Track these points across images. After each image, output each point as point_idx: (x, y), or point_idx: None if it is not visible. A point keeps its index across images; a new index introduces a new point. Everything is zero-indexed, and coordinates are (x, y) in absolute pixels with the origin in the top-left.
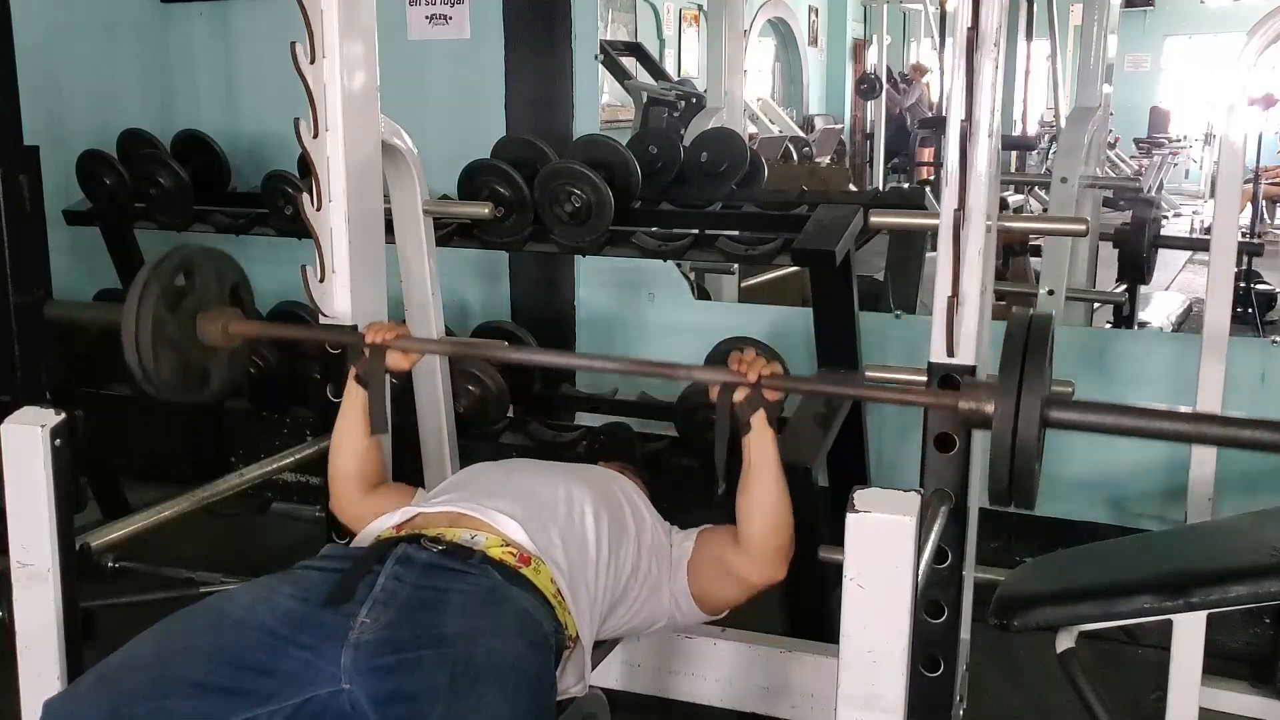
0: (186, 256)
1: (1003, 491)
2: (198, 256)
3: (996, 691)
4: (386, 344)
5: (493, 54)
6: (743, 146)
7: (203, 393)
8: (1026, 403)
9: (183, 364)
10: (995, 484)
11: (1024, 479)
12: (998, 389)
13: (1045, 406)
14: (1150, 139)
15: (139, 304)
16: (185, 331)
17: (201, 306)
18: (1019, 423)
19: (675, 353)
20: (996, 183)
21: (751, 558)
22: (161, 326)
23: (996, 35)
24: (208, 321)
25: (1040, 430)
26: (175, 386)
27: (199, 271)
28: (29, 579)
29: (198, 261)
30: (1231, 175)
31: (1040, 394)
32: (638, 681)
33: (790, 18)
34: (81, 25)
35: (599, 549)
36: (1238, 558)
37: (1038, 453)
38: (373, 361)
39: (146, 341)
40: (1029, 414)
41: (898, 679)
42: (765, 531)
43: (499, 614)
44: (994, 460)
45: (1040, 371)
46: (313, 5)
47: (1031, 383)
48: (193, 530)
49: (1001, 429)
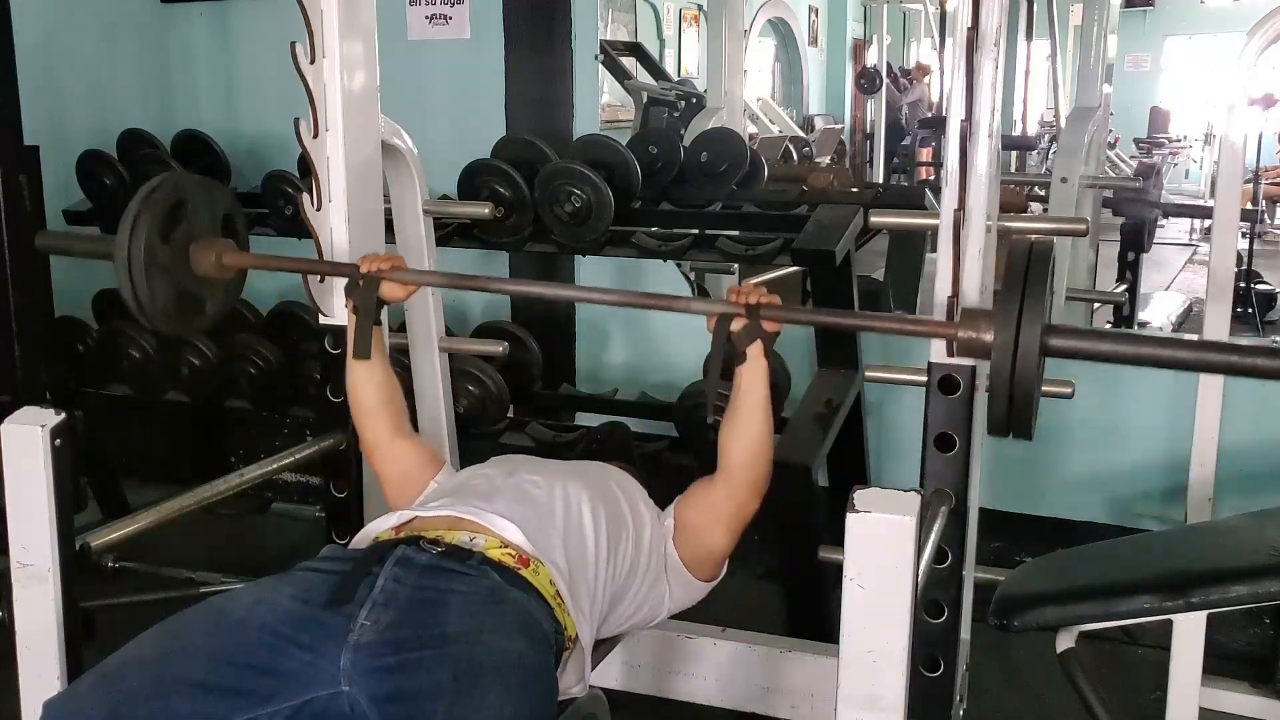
0: (179, 184)
1: (1001, 420)
2: (190, 185)
3: (996, 691)
4: (381, 274)
5: (493, 54)
6: (743, 146)
7: (197, 323)
8: (1026, 331)
9: (176, 293)
10: (994, 413)
11: (1023, 408)
12: (997, 317)
13: (1045, 335)
14: (1150, 139)
15: (131, 233)
16: (178, 261)
17: (195, 236)
18: (1019, 350)
19: (675, 353)
20: (996, 183)
21: (728, 485)
22: (154, 255)
23: (996, 35)
24: (201, 251)
25: (1040, 359)
26: (169, 315)
27: (191, 200)
28: (29, 579)
29: (190, 190)
30: (1231, 175)
31: (1040, 321)
32: (638, 681)
33: (790, 18)
34: (81, 25)
35: (598, 548)
36: (1238, 558)
37: (1037, 381)
38: (365, 290)
39: (140, 270)
40: (1029, 342)
41: (898, 679)
42: (745, 459)
43: (500, 614)
44: (993, 389)
45: (1040, 300)
46: (313, 5)
47: (1031, 311)
48: (193, 530)
49: (1001, 358)
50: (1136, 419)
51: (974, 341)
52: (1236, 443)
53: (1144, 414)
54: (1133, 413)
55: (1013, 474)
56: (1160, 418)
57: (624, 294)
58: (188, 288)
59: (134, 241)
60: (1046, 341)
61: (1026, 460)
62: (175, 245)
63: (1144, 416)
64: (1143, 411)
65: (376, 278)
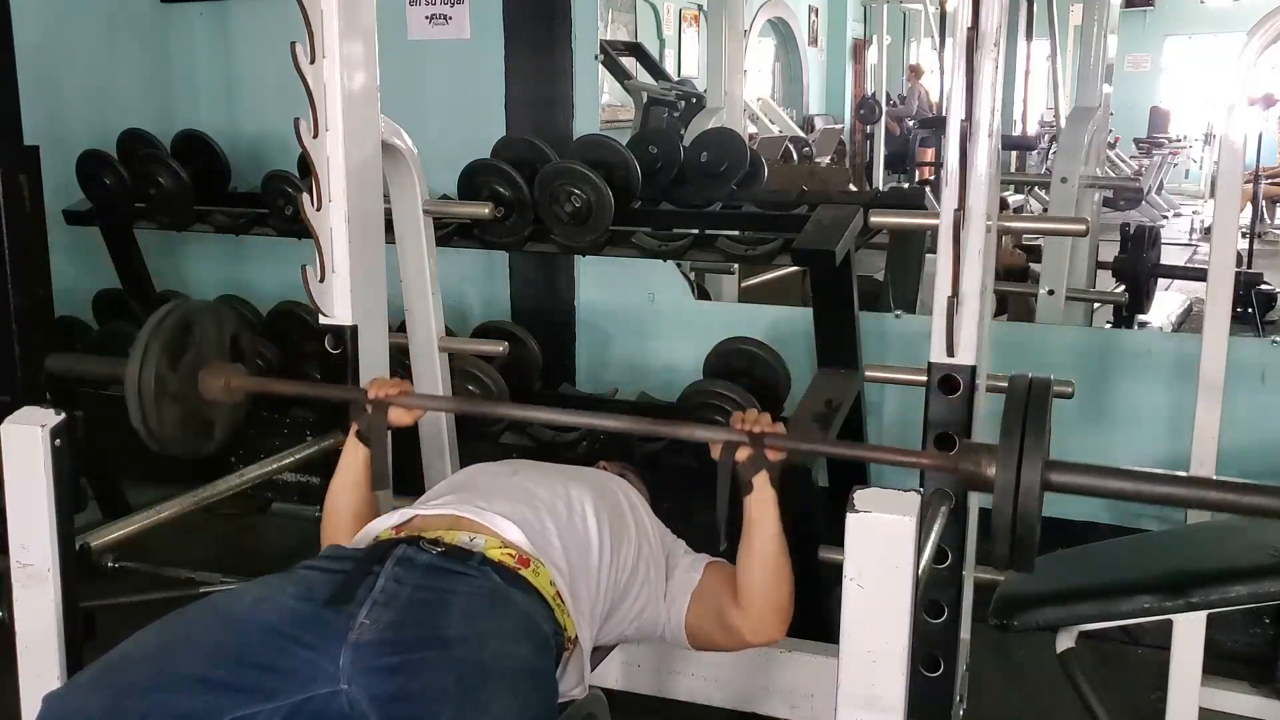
0: (186, 313)
1: (1004, 556)
2: (196, 311)
3: (996, 691)
4: (389, 400)
5: (493, 54)
6: (743, 146)
7: (206, 445)
8: (1028, 470)
9: (186, 418)
10: (999, 548)
11: (1025, 546)
12: (998, 454)
13: (1046, 471)
14: (1150, 139)
15: (142, 362)
16: (187, 386)
17: (203, 361)
18: (1019, 489)
19: (675, 353)
20: (997, 183)
21: (748, 616)
22: (164, 384)
23: (996, 35)
24: (210, 377)
25: (1040, 496)
26: (179, 441)
27: (199, 325)
28: (29, 579)
29: (197, 316)
30: (1231, 175)
31: (1040, 459)
32: (638, 681)
33: (790, 17)
34: (81, 25)
35: (600, 549)
36: (1238, 558)
37: (1038, 519)
38: (375, 418)
39: (150, 399)
40: (1030, 481)
41: (898, 679)
42: (765, 590)
43: (502, 616)
44: (995, 526)
45: (1040, 436)
46: (313, 5)
47: (1032, 450)
48: (193, 530)
49: (1003, 498)
50: (1136, 419)
51: (975, 476)
52: (1236, 443)
53: (1144, 413)
54: (1133, 413)
55: None
56: (1160, 417)
57: (631, 419)
58: (197, 412)
59: (144, 371)
60: (1048, 478)
61: None
62: (184, 371)
63: (1144, 416)
64: (1142, 411)
65: (385, 403)
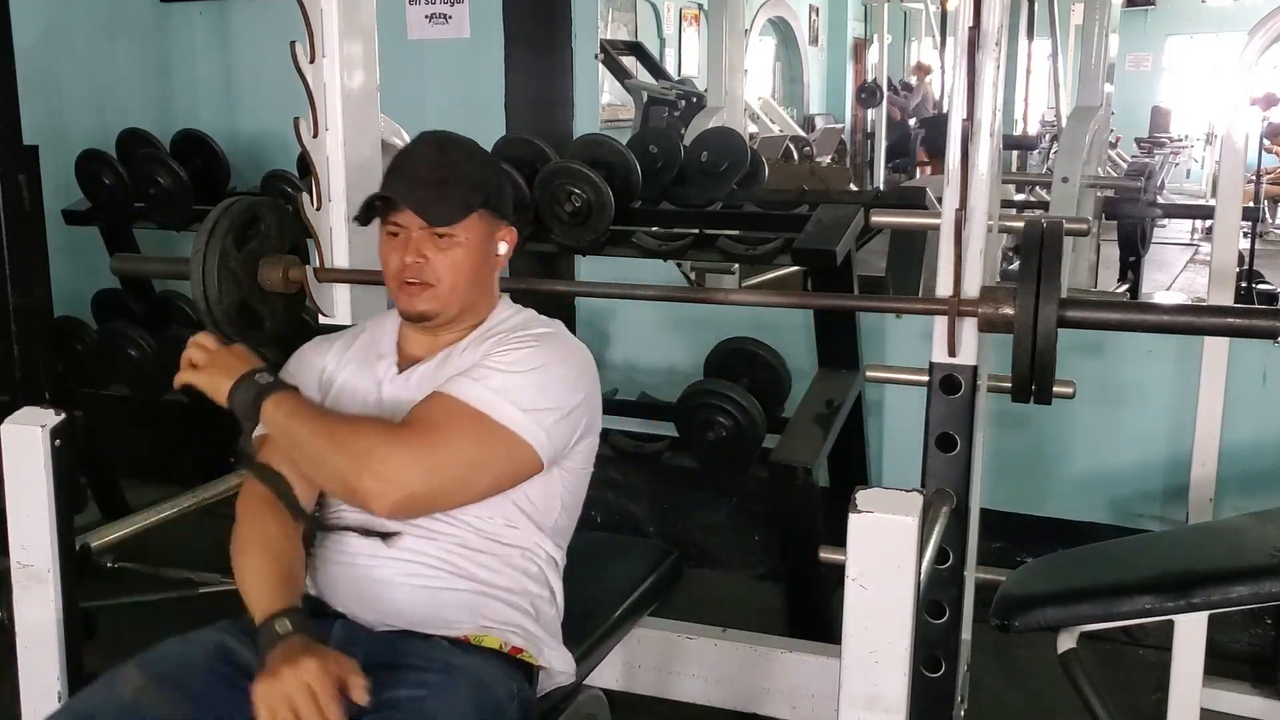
0: (254, 204)
1: (1024, 383)
2: (263, 205)
3: (997, 692)
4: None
5: (493, 54)
6: (743, 146)
7: (256, 334)
8: (1045, 306)
9: (242, 303)
10: (1018, 379)
11: (1044, 375)
12: (1016, 295)
13: (1061, 307)
14: (1151, 138)
15: (209, 235)
16: (247, 270)
17: (264, 250)
18: (1038, 322)
19: (675, 353)
20: (998, 182)
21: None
22: (227, 259)
23: (998, 34)
24: (269, 267)
25: (1055, 331)
26: (231, 320)
27: (264, 219)
28: (29, 579)
29: (263, 210)
30: (1233, 175)
31: (1055, 296)
32: (638, 681)
33: (791, 17)
34: (81, 25)
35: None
36: (1239, 558)
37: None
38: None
39: (213, 270)
40: (1048, 315)
41: (899, 679)
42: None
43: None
44: (1016, 359)
45: (1055, 276)
46: (313, 5)
47: (1048, 289)
48: (193, 530)
49: (1023, 332)
50: (1138, 419)
51: (995, 316)
52: (1238, 442)
53: (1145, 414)
54: (1134, 413)
55: (1014, 474)
56: (1161, 418)
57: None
58: (251, 300)
59: (211, 242)
60: (1063, 314)
61: (1028, 460)
62: (246, 257)
63: (1145, 416)
64: (1144, 411)
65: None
